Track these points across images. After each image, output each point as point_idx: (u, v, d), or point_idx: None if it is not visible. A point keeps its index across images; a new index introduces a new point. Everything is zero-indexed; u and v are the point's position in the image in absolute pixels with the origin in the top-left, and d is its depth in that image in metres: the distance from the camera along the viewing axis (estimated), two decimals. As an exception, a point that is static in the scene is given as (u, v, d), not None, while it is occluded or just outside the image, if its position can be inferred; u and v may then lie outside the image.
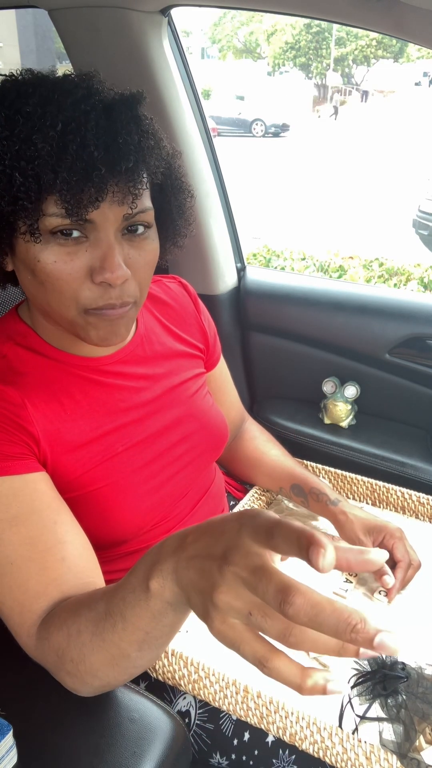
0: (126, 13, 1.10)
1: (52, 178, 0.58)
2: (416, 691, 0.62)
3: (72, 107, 0.59)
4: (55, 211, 0.60)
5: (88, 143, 0.58)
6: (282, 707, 0.64)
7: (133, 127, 0.63)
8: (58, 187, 0.59)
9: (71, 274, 0.63)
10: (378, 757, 0.60)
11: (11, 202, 0.59)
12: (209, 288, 1.42)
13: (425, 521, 1.05)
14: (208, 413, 0.90)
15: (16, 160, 0.58)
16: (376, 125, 20.00)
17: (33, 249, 0.62)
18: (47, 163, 0.58)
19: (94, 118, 0.60)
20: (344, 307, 1.40)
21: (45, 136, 0.58)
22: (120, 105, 0.63)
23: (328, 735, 0.62)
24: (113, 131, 0.61)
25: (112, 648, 0.54)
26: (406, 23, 0.83)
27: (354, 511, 0.93)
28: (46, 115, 0.59)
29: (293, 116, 19.54)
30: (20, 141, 0.58)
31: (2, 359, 0.71)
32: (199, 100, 1.31)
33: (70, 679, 0.60)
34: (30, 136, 0.58)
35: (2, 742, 0.55)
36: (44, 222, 0.60)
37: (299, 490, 0.98)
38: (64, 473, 0.71)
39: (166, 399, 0.84)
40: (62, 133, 0.58)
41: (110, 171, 0.60)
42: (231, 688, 0.67)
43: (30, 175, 0.58)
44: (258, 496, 1.05)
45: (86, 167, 0.58)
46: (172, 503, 0.83)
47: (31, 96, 0.60)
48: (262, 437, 1.09)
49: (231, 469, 1.12)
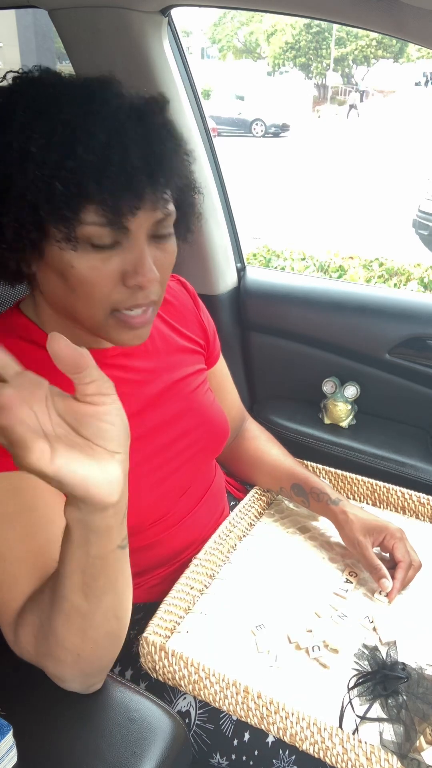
0: (126, 13, 1.10)
1: (96, 188, 0.59)
2: (416, 691, 0.62)
3: (112, 117, 0.60)
4: (94, 219, 0.61)
5: (130, 154, 0.59)
6: (282, 708, 0.64)
7: (165, 134, 0.64)
8: (100, 198, 0.59)
9: (105, 279, 0.64)
10: (378, 758, 0.60)
11: (50, 211, 0.60)
12: (209, 288, 1.42)
13: (425, 521, 1.05)
14: (210, 409, 0.90)
15: (57, 169, 0.58)
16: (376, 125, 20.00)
17: (67, 255, 0.63)
18: (91, 173, 0.58)
19: (133, 128, 0.60)
20: (344, 307, 1.40)
21: (88, 146, 0.58)
22: (150, 111, 0.64)
23: (328, 735, 0.62)
24: (149, 139, 0.62)
25: (64, 603, 0.54)
26: (406, 23, 0.83)
27: (355, 511, 0.93)
28: (86, 124, 0.59)
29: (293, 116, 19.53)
30: (61, 149, 0.58)
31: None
32: (199, 100, 1.31)
33: (48, 661, 0.60)
34: (72, 145, 0.58)
35: (2, 742, 0.55)
36: (82, 230, 0.61)
37: (300, 490, 0.98)
38: None
39: (168, 393, 0.84)
40: (105, 143, 0.59)
41: (149, 180, 0.61)
42: (231, 688, 0.67)
43: (72, 185, 0.58)
44: (258, 496, 1.05)
45: (129, 178, 0.60)
46: (173, 500, 0.83)
47: (66, 103, 0.60)
48: (262, 437, 1.09)
49: (231, 468, 1.12)
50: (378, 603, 0.87)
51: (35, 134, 0.58)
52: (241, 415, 1.10)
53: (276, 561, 0.94)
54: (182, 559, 0.88)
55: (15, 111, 0.60)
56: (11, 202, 0.60)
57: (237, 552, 0.95)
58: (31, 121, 0.59)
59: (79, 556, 0.52)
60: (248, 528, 1.00)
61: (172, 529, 0.84)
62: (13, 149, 0.59)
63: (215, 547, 0.90)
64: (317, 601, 0.85)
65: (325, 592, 0.88)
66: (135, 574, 0.83)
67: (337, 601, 0.86)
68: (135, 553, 0.80)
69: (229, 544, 0.94)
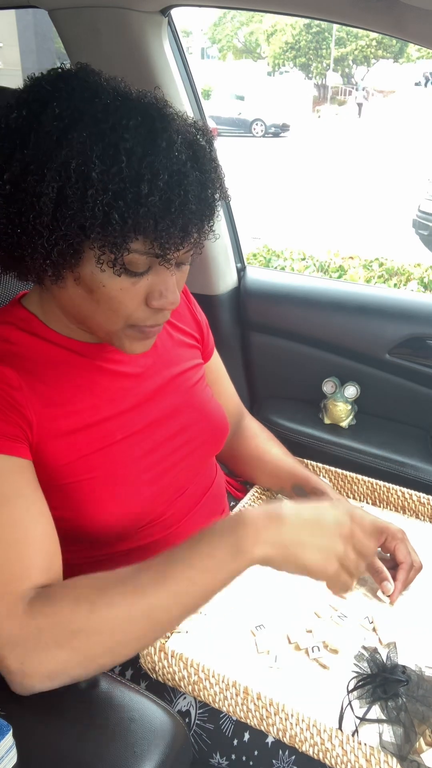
0: (126, 13, 1.10)
1: (153, 226, 0.60)
2: (416, 693, 0.62)
3: (174, 157, 0.60)
4: (140, 249, 0.62)
5: (189, 198, 0.61)
6: (282, 709, 0.64)
7: (213, 174, 0.66)
8: (155, 235, 0.61)
9: (131, 300, 0.66)
10: (378, 759, 0.60)
11: (101, 236, 0.60)
12: (209, 288, 1.42)
13: (425, 521, 1.05)
14: (208, 404, 0.91)
15: (116, 199, 0.58)
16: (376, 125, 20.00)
17: (100, 275, 0.64)
18: (150, 213, 0.59)
19: (191, 170, 0.62)
20: (344, 307, 1.40)
21: (151, 185, 0.59)
22: (201, 147, 0.66)
23: (328, 737, 0.62)
24: (204, 183, 0.64)
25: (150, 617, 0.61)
26: (406, 23, 0.83)
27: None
28: (150, 160, 0.59)
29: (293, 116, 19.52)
30: (121, 182, 0.58)
31: (3, 342, 0.72)
32: (199, 100, 1.31)
33: (54, 654, 0.58)
34: (135, 181, 0.58)
35: (2, 742, 0.55)
36: (125, 257, 0.62)
37: (300, 490, 0.98)
38: (58, 457, 0.71)
39: (168, 388, 0.85)
40: (167, 184, 0.60)
41: (200, 224, 0.65)
42: (231, 689, 0.67)
43: (130, 218, 0.59)
44: (258, 495, 1.05)
45: (185, 222, 0.62)
46: (171, 498, 0.83)
47: (127, 130, 0.59)
48: (262, 435, 1.09)
49: (231, 466, 1.11)
50: (378, 603, 0.87)
51: (97, 159, 0.58)
52: (238, 410, 1.10)
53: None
54: (182, 559, 0.87)
55: (74, 126, 0.59)
56: (62, 219, 0.60)
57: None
58: (92, 145, 0.58)
59: (220, 578, 0.62)
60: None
61: (173, 528, 0.84)
62: (72, 170, 0.58)
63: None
64: (317, 602, 0.85)
65: (325, 592, 0.88)
66: (135, 574, 0.83)
67: (337, 601, 0.86)
68: (134, 554, 0.80)
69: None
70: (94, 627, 0.59)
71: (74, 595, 0.61)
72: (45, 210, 0.59)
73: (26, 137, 0.60)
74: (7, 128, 0.62)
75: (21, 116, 0.61)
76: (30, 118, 0.61)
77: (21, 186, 0.60)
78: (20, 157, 0.60)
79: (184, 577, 0.61)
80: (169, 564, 0.62)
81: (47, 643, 0.59)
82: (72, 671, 0.60)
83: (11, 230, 0.62)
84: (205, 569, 0.62)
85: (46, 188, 0.59)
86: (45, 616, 0.59)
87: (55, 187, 0.59)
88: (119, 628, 0.60)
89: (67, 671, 0.60)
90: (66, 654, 0.59)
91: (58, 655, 0.59)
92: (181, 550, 0.64)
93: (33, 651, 0.58)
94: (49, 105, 0.61)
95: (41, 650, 0.59)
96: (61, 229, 0.60)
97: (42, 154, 0.59)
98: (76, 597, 0.61)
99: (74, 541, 0.74)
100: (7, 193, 0.61)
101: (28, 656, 0.58)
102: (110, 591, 0.61)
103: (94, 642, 0.59)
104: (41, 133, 0.60)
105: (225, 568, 0.62)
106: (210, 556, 0.62)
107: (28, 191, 0.60)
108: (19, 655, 0.58)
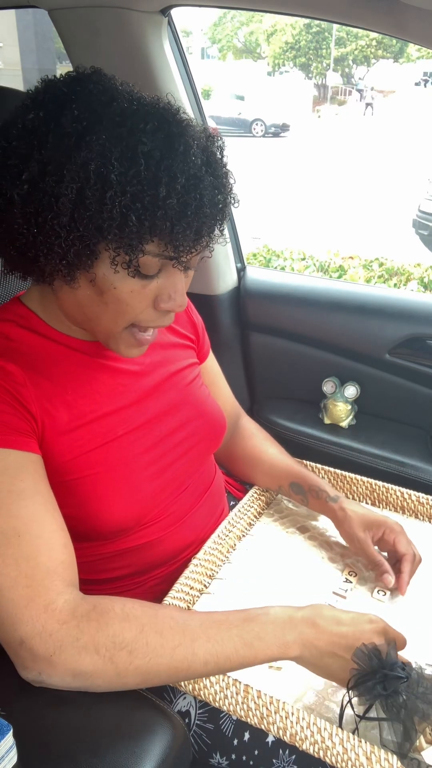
0: (126, 13, 1.10)
1: (169, 228, 0.61)
2: (416, 691, 0.62)
3: (191, 161, 0.61)
4: (154, 251, 0.63)
5: (204, 202, 0.62)
6: (282, 707, 0.64)
7: (225, 179, 0.67)
8: (170, 237, 0.62)
9: (140, 302, 0.67)
10: (378, 758, 0.60)
11: (118, 238, 0.61)
12: (209, 288, 1.42)
13: (425, 521, 1.05)
14: (205, 402, 0.91)
15: (134, 201, 0.59)
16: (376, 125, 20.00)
17: (112, 277, 0.64)
18: (167, 215, 0.60)
19: (206, 174, 0.63)
20: (344, 307, 1.40)
21: (169, 188, 0.59)
22: (213, 151, 0.67)
23: (328, 735, 0.62)
24: (216, 186, 0.65)
25: (190, 662, 0.63)
26: (406, 23, 0.83)
27: (353, 507, 0.93)
28: (168, 164, 0.60)
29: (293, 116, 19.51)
30: (139, 184, 0.59)
31: (5, 339, 0.72)
32: (199, 100, 1.32)
33: (90, 657, 0.59)
34: (153, 184, 0.59)
35: (2, 742, 0.55)
36: (140, 259, 0.63)
37: (298, 488, 0.98)
38: (60, 454, 0.72)
39: (165, 385, 0.85)
40: (184, 188, 0.60)
41: (212, 227, 0.66)
42: (231, 688, 0.67)
43: (147, 221, 0.60)
44: (257, 495, 1.05)
45: (200, 225, 0.63)
46: (172, 495, 0.83)
47: (145, 134, 0.60)
48: (259, 435, 1.09)
49: (229, 467, 1.12)
50: (377, 603, 0.87)
51: (115, 161, 0.58)
52: (235, 411, 1.10)
53: (275, 561, 0.94)
54: (182, 558, 0.88)
55: (93, 128, 0.60)
56: (80, 220, 0.60)
57: (236, 552, 0.95)
58: (111, 147, 0.59)
59: (256, 659, 0.66)
60: (247, 528, 1.00)
61: (172, 527, 0.84)
62: (91, 171, 0.59)
63: (215, 547, 0.90)
64: (317, 601, 0.85)
65: (325, 591, 0.88)
66: (135, 574, 0.83)
67: (337, 600, 0.86)
68: (135, 552, 0.80)
69: (229, 543, 0.94)
70: (138, 648, 0.60)
71: (124, 612, 0.62)
72: (63, 211, 0.60)
73: (44, 138, 0.60)
74: (24, 129, 0.62)
75: (38, 117, 0.62)
76: (47, 119, 0.61)
77: (39, 186, 0.60)
78: (38, 157, 0.60)
79: (231, 643, 0.65)
80: (221, 625, 0.66)
81: (86, 645, 0.59)
82: (97, 680, 0.60)
83: (27, 230, 0.62)
84: (250, 646, 0.65)
85: (65, 189, 0.59)
86: (91, 620, 0.60)
87: (75, 188, 0.59)
88: (159, 658, 0.61)
89: (93, 678, 0.60)
90: (102, 663, 0.59)
91: (93, 660, 0.59)
92: (234, 618, 0.67)
93: (69, 647, 0.59)
94: (67, 107, 0.61)
95: (78, 650, 0.59)
96: (79, 229, 0.60)
97: (61, 155, 0.59)
98: (126, 614, 0.62)
99: (76, 539, 0.74)
100: (25, 193, 0.61)
101: (62, 650, 0.59)
102: (161, 622, 0.63)
103: (132, 661, 0.60)
104: (60, 135, 0.60)
105: (266, 652, 0.66)
106: (259, 638, 0.66)
107: (46, 192, 0.60)
108: (51, 646, 0.59)
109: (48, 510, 0.66)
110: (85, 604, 0.62)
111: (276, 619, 0.68)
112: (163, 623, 0.63)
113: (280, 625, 0.67)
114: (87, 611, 0.61)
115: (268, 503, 1.08)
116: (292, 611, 0.69)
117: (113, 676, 0.60)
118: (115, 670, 0.60)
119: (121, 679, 0.61)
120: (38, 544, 0.63)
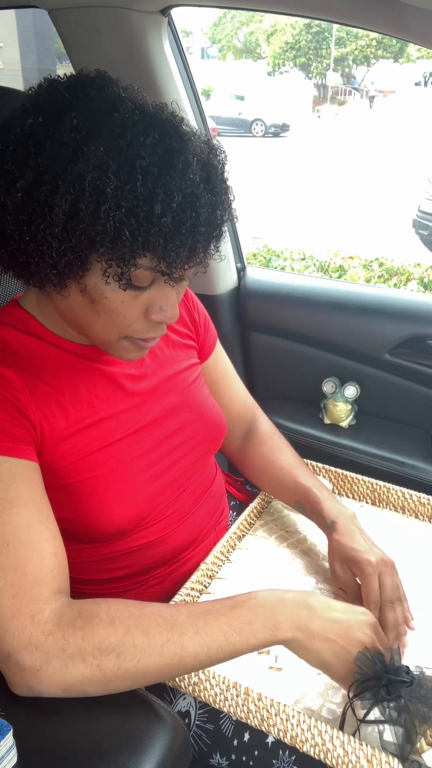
0: (126, 13, 1.10)
1: (163, 245, 0.60)
2: (417, 693, 0.62)
3: (189, 179, 0.61)
4: (146, 264, 0.63)
5: (200, 221, 0.62)
6: (283, 710, 0.64)
7: (224, 196, 0.67)
8: (163, 253, 0.61)
9: (131, 313, 0.67)
10: (379, 760, 0.60)
11: (110, 251, 0.60)
12: (209, 288, 1.42)
13: (425, 521, 1.05)
14: (205, 404, 0.90)
15: (128, 216, 0.58)
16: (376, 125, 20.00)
17: (103, 287, 0.64)
18: (161, 233, 0.59)
19: (203, 191, 0.62)
20: (344, 307, 1.40)
21: (165, 206, 0.59)
22: (214, 166, 0.66)
23: (329, 738, 0.62)
24: (213, 204, 0.64)
25: (180, 657, 0.62)
26: (406, 23, 0.83)
27: (344, 537, 0.85)
28: (165, 181, 0.59)
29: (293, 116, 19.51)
30: (135, 200, 0.58)
31: (3, 344, 0.72)
32: (199, 100, 1.31)
33: (77, 668, 0.58)
34: (149, 200, 0.58)
35: (2, 742, 0.55)
36: (132, 272, 0.62)
37: (302, 508, 0.94)
38: (59, 458, 0.71)
39: (163, 388, 0.85)
40: (180, 205, 0.60)
41: (208, 244, 0.66)
42: (232, 690, 0.67)
43: (141, 236, 0.59)
44: (264, 502, 1.05)
45: (194, 243, 0.62)
46: (172, 497, 0.83)
47: (144, 147, 0.59)
48: (270, 443, 1.03)
49: (242, 472, 1.08)
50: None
51: (112, 175, 0.58)
52: (245, 411, 1.06)
53: (277, 561, 0.94)
54: (182, 558, 0.88)
55: (92, 139, 0.59)
56: (72, 231, 0.59)
57: (237, 552, 0.95)
58: (108, 160, 0.58)
59: (247, 647, 0.65)
60: (249, 528, 1.00)
61: (172, 528, 0.84)
62: (87, 183, 0.58)
63: (217, 548, 0.90)
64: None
65: (325, 592, 0.88)
66: (136, 574, 0.83)
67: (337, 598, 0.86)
68: (135, 553, 0.80)
69: (230, 543, 0.94)
70: (125, 651, 0.60)
71: (110, 615, 0.61)
72: (56, 221, 0.59)
73: (41, 146, 0.60)
74: (23, 134, 0.61)
75: (37, 122, 0.61)
76: (46, 125, 0.60)
77: (33, 194, 0.60)
78: (34, 165, 0.59)
79: (221, 632, 0.64)
80: (208, 615, 0.64)
81: (72, 655, 0.59)
82: (88, 687, 0.60)
83: (19, 237, 0.62)
84: (241, 631, 0.64)
85: (59, 200, 0.58)
86: (76, 629, 0.59)
87: (69, 199, 0.58)
88: (147, 658, 0.60)
89: (82, 687, 0.59)
90: (89, 671, 0.59)
91: (80, 669, 0.59)
92: (221, 606, 0.66)
93: (55, 659, 0.58)
94: (67, 114, 0.60)
95: (64, 661, 0.58)
96: (71, 240, 0.60)
97: (57, 165, 0.59)
98: (111, 618, 0.61)
99: (76, 540, 0.74)
100: (18, 200, 0.60)
101: (49, 663, 0.58)
102: (147, 621, 0.62)
103: (120, 665, 0.59)
104: (58, 144, 0.59)
105: (258, 637, 0.65)
106: (249, 622, 0.65)
107: (40, 201, 0.59)
108: (38, 659, 0.58)
109: (40, 519, 0.65)
110: (70, 611, 0.61)
111: (265, 602, 0.67)
112: (149, 622, 0.62)
113: (270, 608, 0.66)
114: (72, 619, 0.60)
115: (269, 503, 1.08)
116: (281, 593, 0.68)
117: (103, 682, 0.60)
118: (104, 676, 0.59)
119: (112, 683, 0.60)
120: (27, 553, 0.62)
